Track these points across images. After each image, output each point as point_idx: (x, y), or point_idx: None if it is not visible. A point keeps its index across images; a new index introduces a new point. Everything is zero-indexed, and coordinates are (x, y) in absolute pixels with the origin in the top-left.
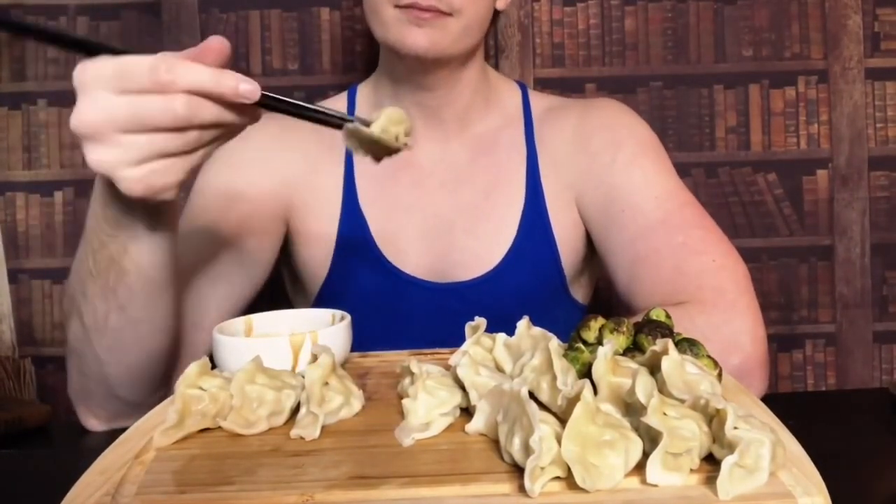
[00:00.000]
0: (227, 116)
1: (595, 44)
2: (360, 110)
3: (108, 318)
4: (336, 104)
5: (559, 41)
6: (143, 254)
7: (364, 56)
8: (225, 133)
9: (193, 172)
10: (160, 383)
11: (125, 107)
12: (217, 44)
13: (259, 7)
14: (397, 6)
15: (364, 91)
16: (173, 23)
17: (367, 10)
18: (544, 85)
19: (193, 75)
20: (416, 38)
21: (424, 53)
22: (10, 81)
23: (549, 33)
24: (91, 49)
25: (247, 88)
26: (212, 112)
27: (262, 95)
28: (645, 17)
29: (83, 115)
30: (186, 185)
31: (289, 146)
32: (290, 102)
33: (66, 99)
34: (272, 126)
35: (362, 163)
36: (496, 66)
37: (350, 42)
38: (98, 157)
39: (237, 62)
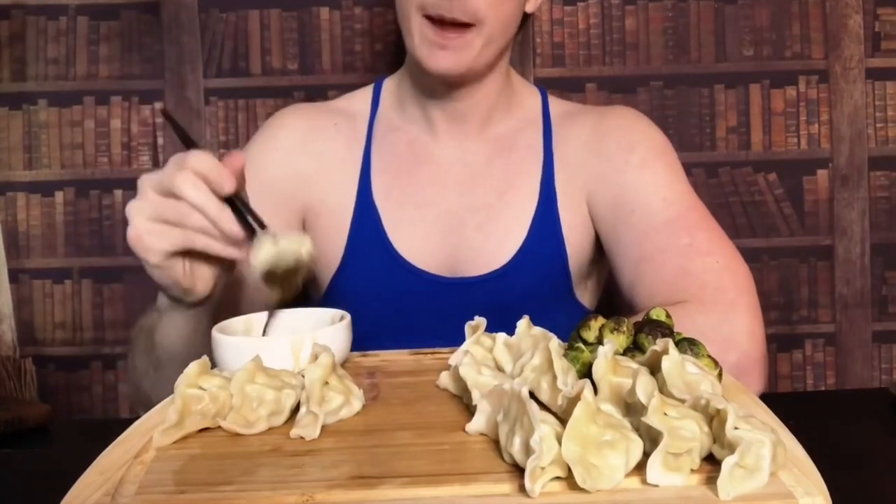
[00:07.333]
0: (211, 206)
1: (595, 43)
2: (384, 107)
3: (147, 372)
4: (360, 99)
5: (559, 41)
6: (169, 327)
7: (364, 56)
8: (212, 259)
9: (175, 255)
10: None
11: (158, 176)
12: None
13: (259, 7)
14: (425, 15)
15: (389, 87)
16: (173, 23)
17: (399, 14)
18: (544, 84)
19: (199, 158)
20: (440, 60)
21: (448, 73)
22: (10, 81)
23: (549, 33)
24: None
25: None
26: (196, 192)
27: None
28: (645, 16)
29: (143, 180)
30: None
31: (311, 148)
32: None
33: (67, 99)
34: (299, 126)
35: (380, 158)
36: None
37: (350, 42)
38: (131, 203)
39: (237, 62)
